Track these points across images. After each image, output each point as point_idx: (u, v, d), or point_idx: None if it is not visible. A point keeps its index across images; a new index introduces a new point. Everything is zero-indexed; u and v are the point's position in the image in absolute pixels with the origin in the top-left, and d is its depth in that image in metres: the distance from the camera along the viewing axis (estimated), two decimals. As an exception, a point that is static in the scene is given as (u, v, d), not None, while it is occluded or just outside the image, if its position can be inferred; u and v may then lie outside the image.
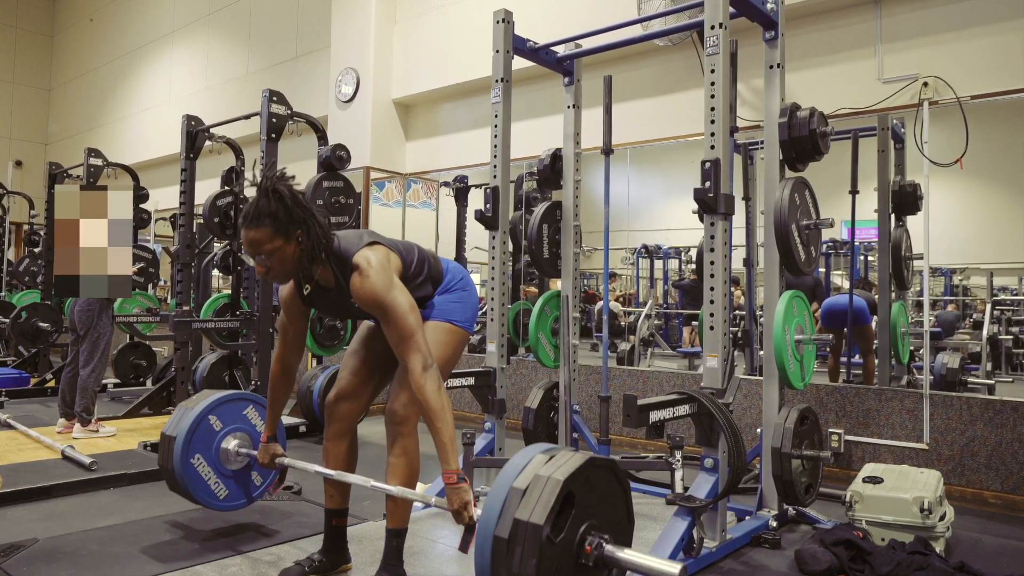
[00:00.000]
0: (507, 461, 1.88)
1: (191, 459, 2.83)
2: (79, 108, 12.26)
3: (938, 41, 4.08)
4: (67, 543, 2.86)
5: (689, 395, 2.78)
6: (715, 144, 2.87)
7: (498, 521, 1.75)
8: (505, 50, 3.75)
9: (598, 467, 1.84)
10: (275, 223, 2.14)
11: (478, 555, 1.77)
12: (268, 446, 2.66)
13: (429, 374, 2.12)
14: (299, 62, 7.83)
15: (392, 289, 2.18)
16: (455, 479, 2.06)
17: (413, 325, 2.15)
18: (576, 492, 1.76)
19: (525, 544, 1.68)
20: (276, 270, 2.21)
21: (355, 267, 2.21)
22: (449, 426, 2.09)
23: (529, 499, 1.73)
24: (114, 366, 6.85)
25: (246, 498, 3.03)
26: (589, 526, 1.79)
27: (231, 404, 2.98)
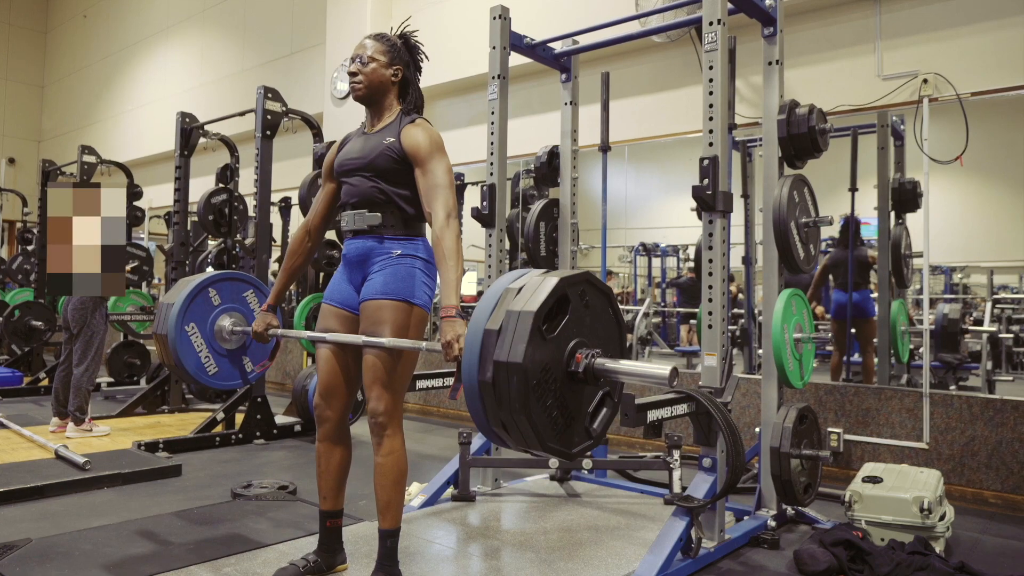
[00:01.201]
0: (499, 278, 1.87)
1: (186, 326, 2.76)
2: (73, 105, 12.22)
3: (938, 37, 4.07)
4: (61, 543, 2.85)
5: (687, 394, 2.77)
6: (713, 141, 2.86)
7: (490, 315, 1.71)
8: (502, 46, 3.73)
9: (596, 287, 1.81)
10: (391, 49, 2.48)
11: (467, 351, 1.71)
12: (265, 315, 2.61)
13: (451, 223, 2.25)
14: (294, 58, 7.81)
15: (442, 149, 2.37)
16: (453, 314, 2.11)
17: (448, 183, 2.32)
18: (571, 299, 1.72)
19: (515, 332, 1.62)
20: (364, 76, 2.42)
21: (419, 121, 2.42)
22: (459, 268, 2.21)
23: (522, 295, 1.70)
24: (108, 365, 6.85)
25: (239, 379, 2.94)
26: (581, 341, 1.74)
27: (233, 283, 2.93)
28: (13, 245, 10.50)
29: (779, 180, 3.26)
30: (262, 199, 4.96)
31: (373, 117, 2.50)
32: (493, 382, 1.62)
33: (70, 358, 4.74)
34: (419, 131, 2.36)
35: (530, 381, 1.59)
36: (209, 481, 3.86)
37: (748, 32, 4.01)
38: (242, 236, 5.77)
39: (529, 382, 1.59)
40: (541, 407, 1.63)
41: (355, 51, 2.46)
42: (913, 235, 4.64)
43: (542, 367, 1.63)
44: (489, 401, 1.65)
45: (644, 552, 2.62)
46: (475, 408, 1.68)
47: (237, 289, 2.94)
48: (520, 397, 1.59)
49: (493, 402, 1.64)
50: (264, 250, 5.02)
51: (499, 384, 1.61)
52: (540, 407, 1.63)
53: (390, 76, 2.46)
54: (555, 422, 1.67)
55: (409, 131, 2.37)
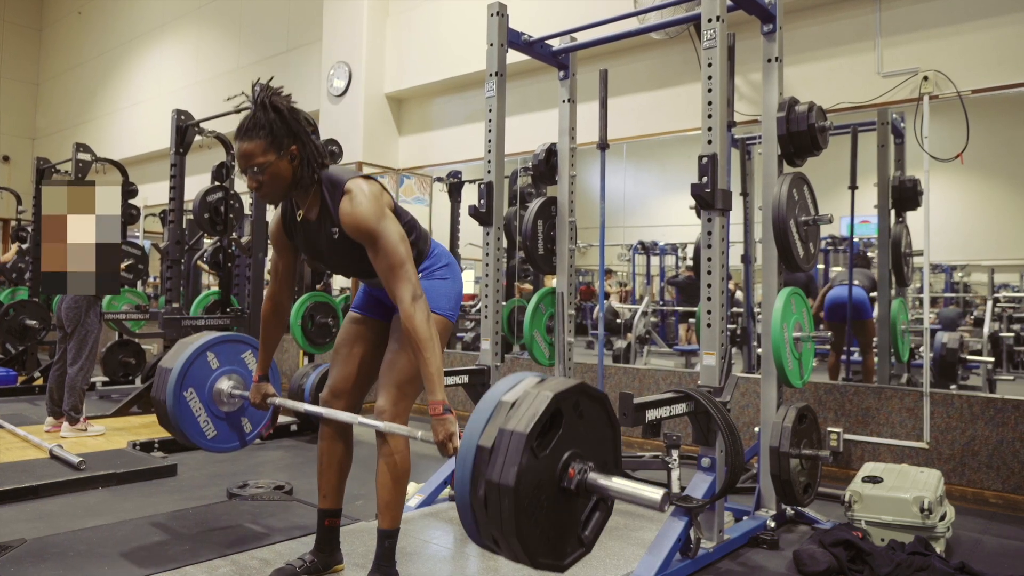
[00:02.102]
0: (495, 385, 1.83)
1: (184, 392, 2.76)
2: (67, 102, 12.17)
3: (939, 35, 4.06)
4: (55, 544, 2.84)
5: (686, 393, 2.76)
6: (712, 139, 2.85)
7: (482, 431, 1.70)
8: (499, 43, 3.72)
9: (590, 396, 1.79)
10: (270, 135, 2.12)
11: (459, 466, 1.72)
12: (260, 385, 2.62)
13: (418, 304, 2.11)
14: (290, 55, 7.78)
15: (383, 218, 2.15)
16: (440, 410, 2.06)
17: (403, 255, 2.13)
18: (565, 413, 1.71)
19: (508, 453, 1.62)
20: (268, 186, 2.17)
21: (346, 192, 2.17)
22: (437, 357, 2.09)
23: (516, 412, 1.68)
24: (103, 364, 6.81)
25: (238, 441, 2.94)
26: (575, 453, 1.73)
27: (230, 344, 2.92)
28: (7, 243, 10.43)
29: (778, 178, 3.25)
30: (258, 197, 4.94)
31: (298, 199, 2.30)
32: (485, 501, 1.64)
33: (64, 357, 4.72)
34: (352, 208, 2.14)
35: (521, 502, 1.61)
36: (205, 481, 3.85)
37: (747, 29, 3.99)
38: (238, 234, 5.76)
39: (520, 503, 1.61)
40: (532, 525, 1.64)
41: (240, 161, 2.16)
42: (913, 233, 4.64)
43: (534, 486, 1.64)
44: (481, 517, 1.67)
45: (642, 552, 2.61)
46: (467, 522, 1.71)
47: (235, 351, 2.94)
48: (511, 519, 1.60)
49: (484, 519, 1.66)
50: (260, 248, 5.01)
51: (491, 503, 1.63)
52: (531, 525, 1.64)
53: (290, 164, 2.17)
54: (546, 537, 1.69)
55: (344, 213, 2.16)
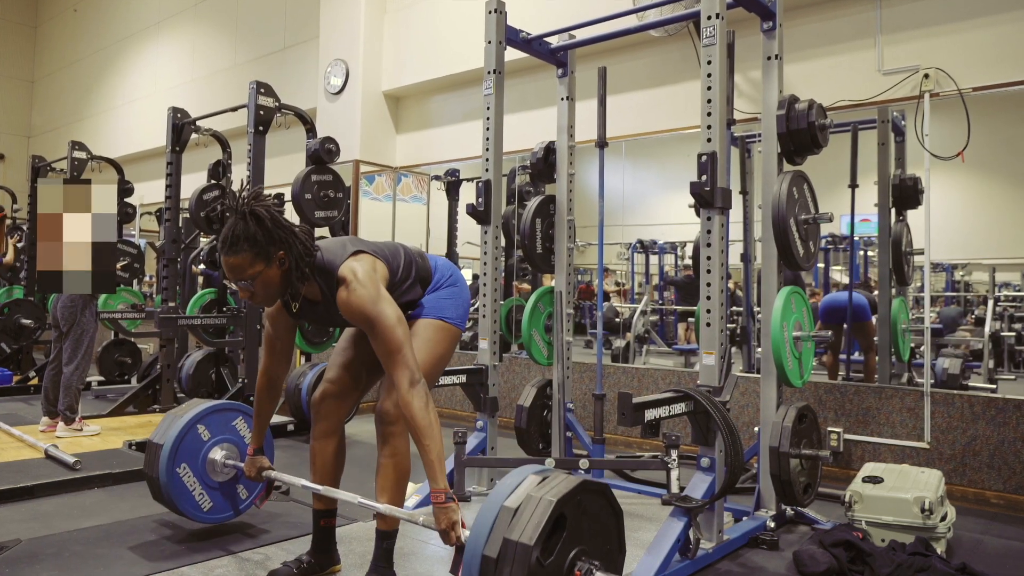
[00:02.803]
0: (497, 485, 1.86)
1: (177, 468, 2.81)
2: (63, 100, 12.14)
3: (939, 32, 4.04)
4: (51, 544, 2.83)
5: (685, 393, 2.75)
6: (712, 137, 2.85)
7: (487, 540, 1.72)
8: (497, 41, 3.72)
9: (591, 491, 1.82)
10: (254, 247, 2.12)
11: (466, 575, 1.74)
12: (255, 459, 2.66)
13: (416, 391, 2.09)
14: (287, 53, 7.75)
15: (379, 301, 2.16)
16: (443, 498, 2.04)
17: (400, 339, 2.13)
18: (568, 515, 1.74)
19: (514, 565, 1.65)
20: (261, 294, 2.19)
21: (341, 280, 2.20)
22: (437, 443, 2.08)
23: (520, 519, 1.70)
24: (98, 363, 6.82)
25: (232, 511, 3.01)
26: (579, 551, 1.76)
27: (220, 414, 2.95)
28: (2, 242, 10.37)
29: (778, 176, 3.24)
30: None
31: (291, 295, 2.32)
32: None
33: (60, 356, 4.70)
34: (350, 297, 2.18)
35: None
36: (201, 481, 3.83)
37: (747, 26, 3.98)
38: (235, 233, 5.72)
39: None
40: None
41: (229, 274, 2.18)
42: (914, 232, 4.62)
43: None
44: None
45: (641, 553, 2.60)
46: None
47: (226, 419, 2.97)
48: None
49: None
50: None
51: None
52: None
53: (279, 270, 2.18)
54: None
55: (342, 303, 2.20)
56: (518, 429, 3.95)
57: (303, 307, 2.36)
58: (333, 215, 4.92)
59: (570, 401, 3.96)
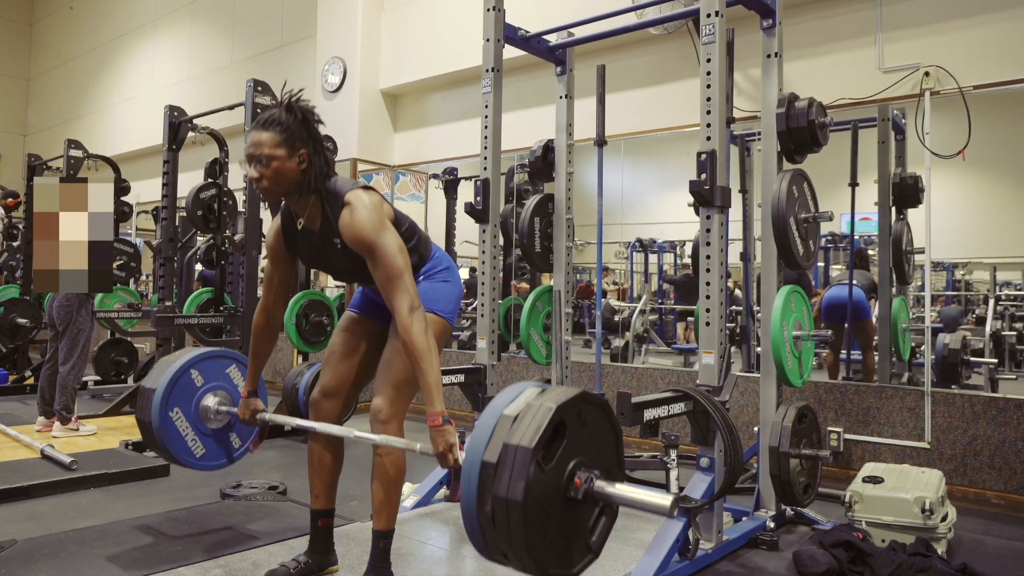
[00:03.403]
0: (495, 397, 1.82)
1: (169, 412, 2.74)
2: (59, 98, 12.10)
3: (940, 30, 4.03)
4: (46, 544, 2.82)
5: (684, 393, 2.74)
6: (711, 135, 2.85)
7: (487, 446, 1.70)
8: (496, 39, 3.71)
9: (592, 403, 1.78)
10: (285, 132, 2.17)
11: (465, 482, 1.72)
12: (249, 401, 2.61)
13: (416, 315, 2.11)
14: (284, 51, 7.73)
15: (383, 229, 2.18)
16: (440, 421, 2.06)
17: (402, 266, 2.15)
18: (568, 423, 1.70)
19: (514, 469, 1.62)
20: (270, 180, 2.18)
21: (346, 203, 2.20)
22: (435, 368, 2.10)
23: (519, 425, 1.68)
24: (94, 363, 6.78)
25: (225, 458, 2.92)
26: (580, 462, 1.73)
27: (214, 360, 2.90)
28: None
29: (778, 175, 3.23)
30: (252, 194, 4.94)
31: (297, 207, 2.31)
32: (493, 516, 1.65)
33: (56, 356, 4.69)
34: (353, 219, 2.17)
35: (530, 516, 1.62)
36: (197, 481, 3.81)
37: (746, 24, 3.97)
38: (231, 232, 5.72)
39: (529, 517, 1.61)
40: (541, 538, 1.65)
41: (250, 148, 2.18)
42: (914, 231, 4.62)
43: (542, 499, 1.65)
44: (489, 532, 1.67)
45: (641, 553, 2.59)
46: (476, 538, 1.71)
47: (219, 366, 2.91)
48: (521, 534, 1.61)
49: (492, 533, 1.66)
50: (253, 246, 4.98)
51: (499, 519, 1.63)
52: (540, 538, 1.65)
53: (297, 165, 2.20)
54: (555, 548, 1.69)
55: (344, 225, 2.19)
56: (516, 429, 3.92)
57: (302, 236, 2.34)
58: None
59: (569, 401, 3.94)
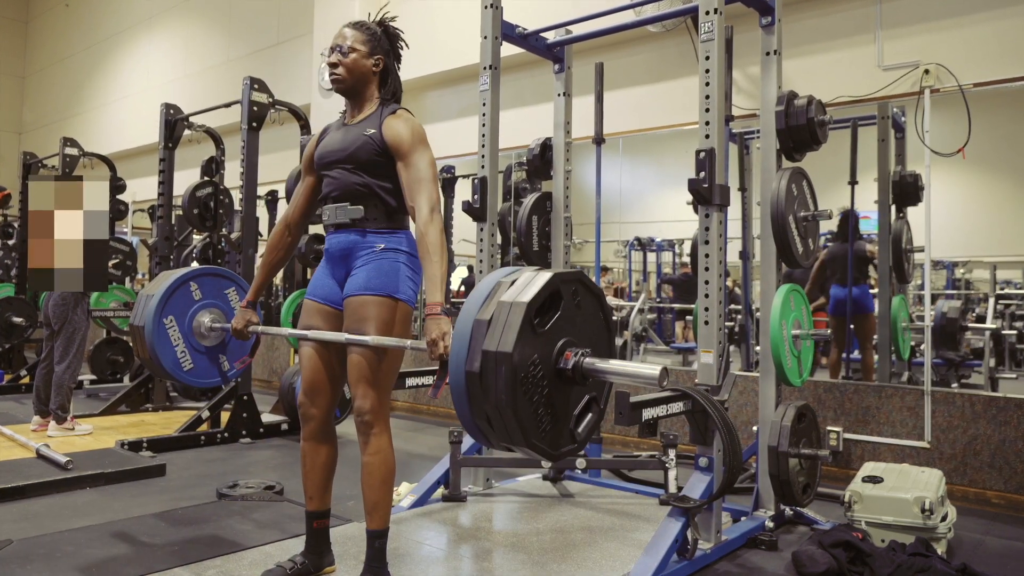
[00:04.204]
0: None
1: (164, 319, 2.73)
2: (54, 96, 12.09)
3: (940, 27, 4.01)
4: (42, 545, 2.81)
5: (683, 392, 2.74)
6: (710, 133, 2.84)
7: (481, 306, 1.72)
8: (493, 36, 3.69)
9: (588, 288, 1.81)
10: (371, 38, 2.42)
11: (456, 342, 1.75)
12: (245, 311, 2.60)
13: (435, 216, 2.24)
14: (281, 48, 7.71)
15: (424, 141, 2.34)
16: (438, 310, 2.10)
17: (432, 176, 2.30)
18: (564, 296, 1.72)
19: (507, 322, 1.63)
20: (344, 68, 2.38)
21: (398, 113, 2.39)
22: (443, 264, 2.19)
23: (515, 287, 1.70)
24: (90, 362, 6.78)
25: (218, 376, 2.90)
26: (570, 340, 1.74)
27: (215, 279, 2.92)
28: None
29: (777, 173, 3.22)
30: (248, 192, 4.92)
31: (353, 108, 2.47)
32: (480, 372, 1.61)
33: (51, 355, 4.69)
34: (400, 123, 2.34)
35: (518, 373, 1.59)
36: (194, 481, 3.81)
37: (745, 21, 3.95)
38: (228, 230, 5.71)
39: (517, 374, 1.59)
40: (527, 402, 1.62)
41: (335, 40, 2.41)
42: (914, 229, 4.61)
43: (531, 360, 1.62)
44: (475, 392, 1.64)
45: (639, 554, 2.58)
46: (460, 399, 1.69)
47: (219, 285, 2.91)
48: (507, 389, 1.58)
49: (479, 393, 1.63)
50: (250, 244, 4.96)
51: (486, 375, 1.60)
52: (526, 401, 1.62)
53: (371, 66, 2.42)
54: (540, 420, 1.67)
55: (391, 123, 2.35)
56: (514, 428, 3.91)
57: (340, 130, 2.45)
58: (327, 212, 4.89)
59: (567, 400, 3.93)
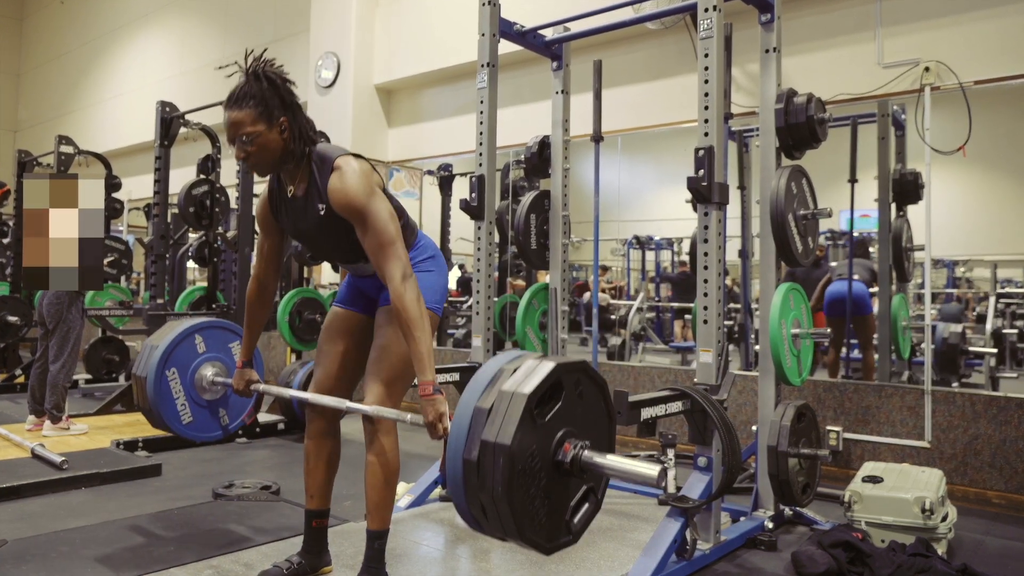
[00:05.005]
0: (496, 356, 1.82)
1: (166, 371, 2.72)
2: (49, 94, 12.06)
3: (940, 24, 4.00)
4: (37, 545, 2.80)
5: (682, 391, 2.73)
6: (709, 131, 2.83)
7: (482, 394, 1.69)
8: (491, 33, 3.68)
9: (591, 378, 1.77)
10: (260, 105, 2.12)
11: (455, 428, 1.71)
12: (244, 372, 2.57)
13: (408, 283, 2.09)
14: (277, 46, 7.67)
15: (373, 195, 2.14)
16: (430, 390, 2.03)
17: (393, 233, 2.12)
18: (565, 387, 1.69)
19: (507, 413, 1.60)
20: (256, 156, 2.16)
21: (336, 168, 2.17)
22: (427, 336, 2.08)
23: (517, 375, 1.67)
24: (85, 361, 6.75)
25: (212, 431, 2.87)
26: (571, 431, 1.71)
27: (220, 332, 2.88)
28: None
29: (776, 171, 3.22)
30: (244, 191, 4.90)
31: (285, 176, 2.28)
32: (478, 462, 1.61)
33: (46, 354, 4.64)
34: (342, 183, 2.13)
35: (516, 466, 1.58)
36: (190, 481, 3.80)
37: (745, 19, 3.94)
38: (224, 229, 5.69)
39: (515, 466, 1.58)
40: (524, 494, 1.61)
41: (228, 131, 2.13)
42: (914, 228, 4.60)
43: (529, 452, 1.61)
44: (471, 481, 1.63)
45: (637, 554, 2.57)
46: (456, 487, 1.67)
47: (224, 339, 2.89)
48: (504, 481, 1.57)
49: (475, 482, 1.62)
50: (246, 243, 4.94)
51: (484, 464, 1.60)
52: (523, 494, 1.61)
53: (280, 136, 2.15)
54: (536, 512, 1.65)
55: (333, 187, 2.14)
56: (512, 428, 3.90)
57: (290, 207, 2.29)
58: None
59: (565, 399, 3.92)
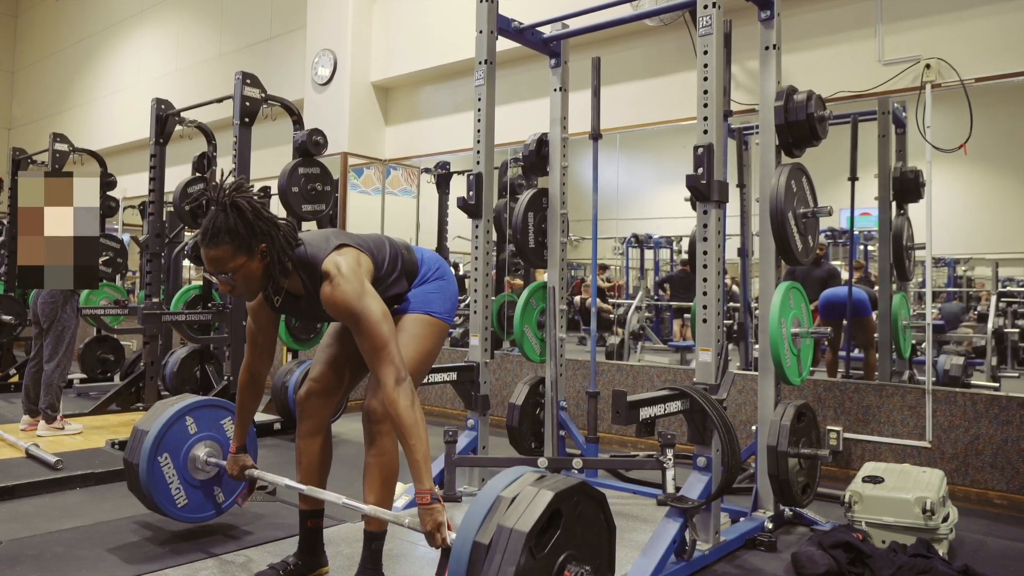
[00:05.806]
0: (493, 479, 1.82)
1: (159, 457, 2.75)
2: (44, 91, 12.02)
3: (941, 21, 3.98)
4: (31, 545, 2.81)
5: (681, 391, 2.73)
6: (708, 129, 2.83)
7: (480, 526, 1.69)
8: (489, 30, 3.69)
9: (589, 496, 1.78)
10: (236, 239, 2.08)
11: (455, 561, 1.71)
12: (237, 457, 2.63)
13: (402, 388, 2.07)
14: (274, 43, 7.66)
15: (364, 297, 2.14)
16: (428, 499, 2.01)
17: (386, 335, 2.11)
18: (564, 513, 1.69)
19: (506, 552, 1.61)
20: (242, 288, 2.16)
21: (325, 275, 2.17)
22: (423, 443, 2.05)
23: (515, 508, 1.67)
24: (80, 360, 6.76)
25: (207, 512, 2.94)
26: (571, 555, 1.72)
27: (210, 410, 2.90)
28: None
29: (776, 169, 3.21)
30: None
31: (273, 288, 2.29)
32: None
33: (40, 354, 4.64)
34: (334, 292, 2.14)
35: None
36: (185, 482, 3.77)
37: (744, 16, 3.93)
38: (220, 227, 5.65)
39: None
40: None
41: (209, 266, 2.13)
42: (915, 226, 4.60)
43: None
44: None
45: (636, 555, 2.57)
46: None
47: (215, 416, 2.92)
48: None
49: None
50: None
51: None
52: None
53: (260, 263, 2.15)
54: None
55: (325, 297, 2.16)
56: (510, 428, 3.91)
57: (286, 301, 2.33)
58: (321, 209, 4.88)
59: (563, 399, 3.94)
